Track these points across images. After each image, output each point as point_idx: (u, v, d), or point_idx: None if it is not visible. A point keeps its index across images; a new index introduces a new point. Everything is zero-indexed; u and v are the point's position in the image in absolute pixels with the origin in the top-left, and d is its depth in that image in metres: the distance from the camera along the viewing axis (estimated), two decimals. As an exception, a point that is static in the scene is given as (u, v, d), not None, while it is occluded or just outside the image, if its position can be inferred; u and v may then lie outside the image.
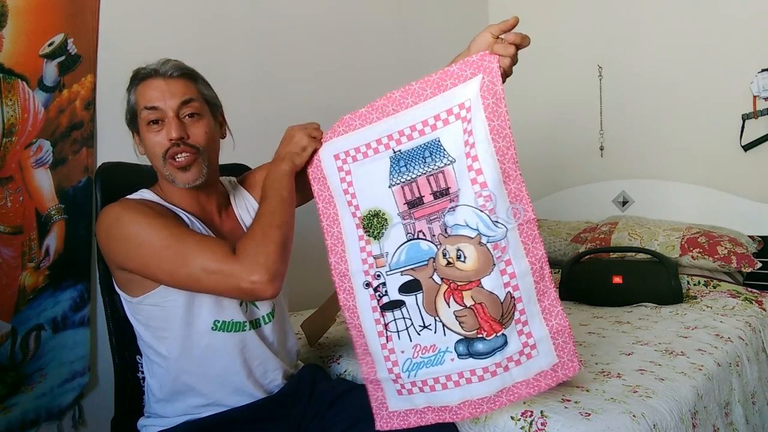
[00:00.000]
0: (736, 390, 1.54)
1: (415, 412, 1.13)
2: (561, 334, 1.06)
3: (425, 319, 1.11)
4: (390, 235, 1.14)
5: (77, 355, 1.67)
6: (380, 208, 1.15)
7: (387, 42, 2.63)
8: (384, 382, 1.15)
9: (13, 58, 1.52)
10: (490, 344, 1.06)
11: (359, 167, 1.17)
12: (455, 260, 1.07)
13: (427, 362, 1.11)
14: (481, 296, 1.06)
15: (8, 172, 1.53)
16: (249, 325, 1.18)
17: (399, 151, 1.13)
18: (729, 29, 2.44)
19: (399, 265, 1.13)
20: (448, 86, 1.09)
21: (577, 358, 1.06)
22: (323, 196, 1.20)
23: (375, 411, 1.15)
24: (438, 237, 1.10)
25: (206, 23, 2.01)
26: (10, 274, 1.54)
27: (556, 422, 1.07)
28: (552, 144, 2.98)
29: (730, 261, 2.12)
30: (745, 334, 1.76)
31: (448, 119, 1.09)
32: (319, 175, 1.21)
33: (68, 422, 1.67)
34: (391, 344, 1.14)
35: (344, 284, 1.18)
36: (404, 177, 1.13)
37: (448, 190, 1.10)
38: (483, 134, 1.05)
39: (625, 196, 2.74)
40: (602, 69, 2.79)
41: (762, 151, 2.39)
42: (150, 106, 1.13)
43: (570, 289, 2.23)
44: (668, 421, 1.14)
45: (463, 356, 1.08)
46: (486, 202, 1.06)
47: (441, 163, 1.10)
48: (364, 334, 1.16)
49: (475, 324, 1.07)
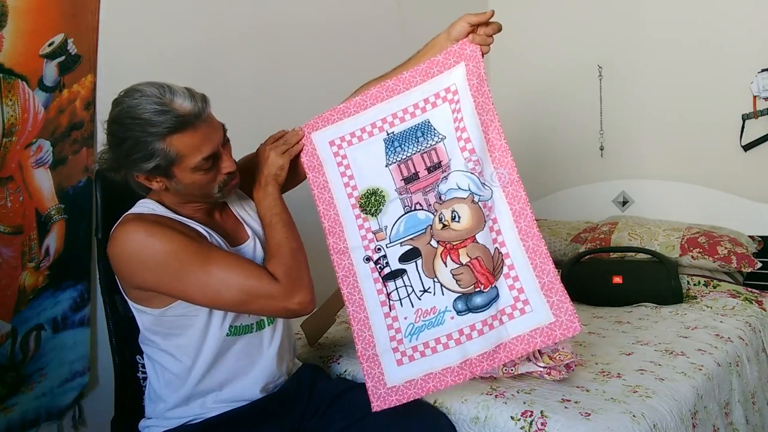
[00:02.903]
0: (736, 390, 1.54)
1: (413, 384, 1.14)
2: (554, 292, 1.11)
3: (425, 283, 1.19)
4: (388, 210, 1.24)
5: (77, 355, 1.67)
6: (378, 186, 1.25)
7: (386, 42, 2.63)
8: (383, 355, 1.17)
9: (13, 58, 1.52)
10: (486, 296, 1.14)
11: (355, 150, 1.27)
12: (450, 222, 1.18)
13: (429, 324, 1.17)
14: (477, 251, 1.15)
15: (8, 172, 1.53)
16: (256, 326, 1.21)
17: (392, 132, 1.25)
18: (729, 29, 2.43)
19: (399, 237, 1.22)
20: (435, 73, 1.22)
21: (578, 319, 1.09)
22: (318, 182, 1.29)
23: (371, 391, 1.16)
24: (434, 205, 1.21)
25: (206, 23, 2.00)
26: (10, 274, 1.54)
27: (556, 422, 1.07)
28: (552, 144, 2.97)
29: (730, 261, 2.12)
30: (745, 334, 1.76)
31: (436, 102, 1.22)
32: (314, 164, 1.29)
33: (68, 422, 1.67)
34: (394, 312, 1.20)
35: (343, 261, 1.24)
36: (399, 156, 1.24)
37: (441, 163, 1.21)
38: (470, 110, 1.18)
39: (625, 196, 2.74)
40: (602, 69, 2.79)
41: (762, 151, 2.38)
42: (208, 156, 1.09)
43: (570, 289, 2.17)
44: (668, 421, 1.14)
45: (462, 312, 1.15)
46: (475, 166, 1.17)
47: (433, 141, 1.22)
48: (366, 308, 1.21)
49: (472, 279, 1.14)
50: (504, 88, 3.05)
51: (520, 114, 3.07)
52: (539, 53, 2.98)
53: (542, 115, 2.98)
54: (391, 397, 1.15)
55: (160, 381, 1.19)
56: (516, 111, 3.08)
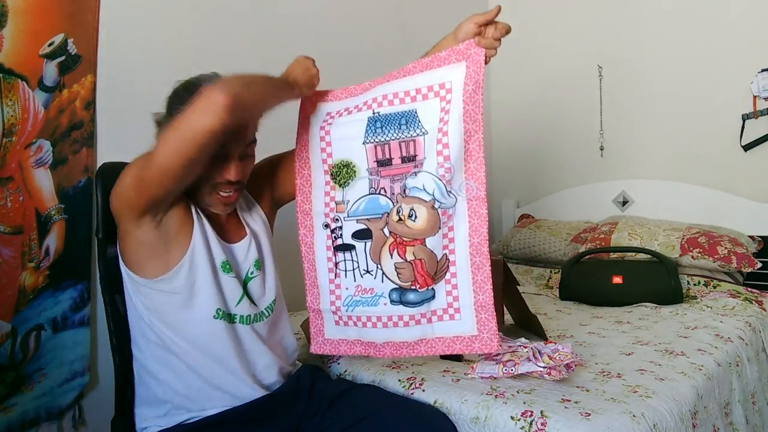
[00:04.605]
0: (736, 390, 1.54)
1: (346, 342, 1.32)
2: (485, 310, 1.19)
3: (369, 265, 1.27)
4: (355, 186, 1.28)
5: (77, 355, 1.67)
6: (351, 161, 1.29)
7: (386, 42, 2.63)
8: (325, 312, 1.33)
9: (13, 58, 1.52)
10: (420, 295, 1.22)
11: (338, 121, 1.31)
12: (406, 218, 1.22)
13: (364, 302, 1.27)
14: (422, 253, 1.21)
15: (8, 172, 1.53)
16: (241, 319, 1.21)
17: (378, 113, 1.26)
18: (729, 29, 2.44)
19: (356, 214, 1.28)
20: (434, 66, 1.22)
21: (498, 339, 1.19)
22: (302, 140, 1.35)
23: (312, 336, 1.35)
24: (396, 196, 1.24)
25: (206, 23, 2.00)
26: (10, 274, 1.54)
27: (556, 422, 1.07)
28: (552, 144, 2.98)
29: (730, 261, 2.12)
30: (745, 334, 1.76)
31: (428, 95, 1.22)
32: (306, 122, 1.35)
33: (68, 422, 1.67)
34: (338, 280, 1.30)
35: (306, 222, 1.34)
36: (379, 137, 1.26)
37: (415, 157, 1.23)
38: (457, 115, 1.18)
39: (625, 196, 2.74)
40: (602, 69, 2.79)
41: (762, 151, 2.39)
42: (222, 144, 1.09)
43: (570, 289, 2.23)
44: (668, 421, 1.14)
45: (395, 303, 1.24)
46: (446, 173, 1.18)
47: (414, 133, 1.23)
48: (316, 268, 1.33)
49: (411, 276, 1.22)
50: (504, 89, 3.06)
51: (520, 114, 3.07)
52: (539, 53, 2.98)
53: (542, 115, 2.99)
54: (326, 346, 1.34)
55: (152, 380, 1.19)
56: (516, 111, 3.08)
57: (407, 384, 1.29)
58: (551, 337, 1.60)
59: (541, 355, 1.28)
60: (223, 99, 0.97)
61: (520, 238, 2.70)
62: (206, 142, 1.01)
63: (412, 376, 1.31)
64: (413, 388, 1.27)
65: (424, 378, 1.29)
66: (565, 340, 1.63)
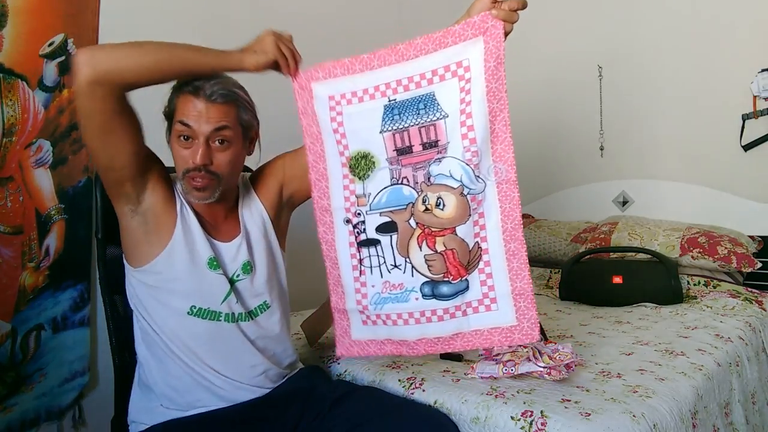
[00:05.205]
0: (736, 390, 1.54)
1: (375, 343, 1.25)
2: (523, 297, 1.13)
3: (397, 259, 1.20)
4: (375, 177, 1.21)
5: (77, 355, 1.67)
6: (369, 151, 1.21)
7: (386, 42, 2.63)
8: (351, 312, 1.26)
9: (13, 58, 1.52)
10: (454, 287, 1.16)
11: (352, 109, 1.21)
12: (434, 207, 1.16)
13: (394, 298, 1.21)
14: (453, 242, 1.15)
15: (8, 172, 1.53)
16: (225, 317, 1.20)
17: (394, 100, 1.17)
18: (729, 29, 2.43)
19: (379, 207, 1.21)
20: (449, 44, 1.12)
21: (538, 328, 1.13)
22: (311, 132, 1.25)
23: (338, 338, 1.27)
24: (420, 185, 1.18)
25: (206, 23, 2.00)
26: (10, 274, 1.54)
27: (556, 422, 1.07)
28: (552, 144, 2.97)
29: (730, 261, 2.12)
30: (745, 334, 1.76)
31: (445, 75, 1.13)
32: (309, 111, 1.24)
33: (68, 422, 1.67)
34: (363, 278, 1.23)
35: (325, 218, 1.26)
36: (397, 125, 1.18)
37: (437, 142, 1.16)
38: (480, 94, 1.10)
39: (625, 196, 2.74)
40: (602, 69, 2.79)
41: (762, 151, 2.38)
42: (184, 122, 1.14)
43: (570, 289, 2.23)
44: (668, 421, 1.14)
45: (427, 297, 1.18)
46: (473, 157, 1.12)
47: (434, 117, 1.15)
48: (339, 267, 1.25)
49: (443, 268, 1.16)
50: (504, 88, 3.05)
51: (520, 114, 3.06)
52: (539, 53, 2.98)
53: (542, 115, 2.98)
54: (353, 348, 1.26)
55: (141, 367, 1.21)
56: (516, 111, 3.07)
57: (407, 384, 1.29)
58: (551, 337, 1.60)
59: (541, 355, 1.28)
60: (84, 70, 1.00)
61: (520, 238, 2.70)
62: (90, 94, 1.03)
63: (412, 376, 1.31)
64: (413, 388, 1.27)
65: (424, 378, 1.29)
66: (565, 340, 1.63)
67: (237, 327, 1.21)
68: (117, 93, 1.05)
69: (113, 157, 1.10)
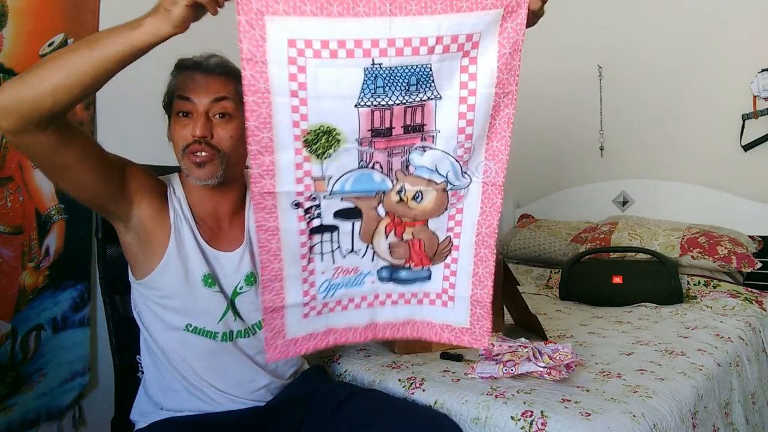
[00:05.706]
0: (736, 390, 1.54)
1: (313, 337, 1.09)
2: (481, 306, 1.08)
3: (355, 245, 1.08)
4: (339, 158, 0.99)
5: (77, 355, 1.67)
6: (335, 127, 0.97)
7: None
8: (290, 308, 1.06)
9: (13, 58, 1.52)
10: (414, 274, 1.10)
11: (321, 68, 0.92)
12: (409, 200, 1.05)
13: (346, 283, 1.10)
14: (423, 234, 1.08)
15: (8, 172, 1.53)
16: (222, 336, 1.18)
17: (379, 65, 0.93)
18: (729, 29, 2.44)
19: (341, 192, 1.02)
20: (463, 8, 0.91)
21: (489, 335, 1.09)
22: (255, 88, 0.92)
23: (268, 343, 1.06)
24: (396, 172, 1.03)
25: (206, 23, 2.00)
26: (10, 274, 1.54)
27: (556, 422, 1.07)
28: (552, 144, 2.97)
29: (730, 261, 2.12)
30: (745, 334, 1.76)
31: (450, 47, 0.93)
32: (257, 57, 0.92)
33: (68, 422, 1.67)
34: (312, 266, 1.06)
35: (265, 202, 0.99)
36: (378, 100, 0.95)
37: (423, 127, 1.00)
38: (487, 83, 0.96)
39: (625, 196, 2.74)
40: (602, 69, 2.79)
41: (762, 151, 2.39)
42: (183, 96, 1.13)
43: (570, 289, 2.23)
44: (668, 421, 1.14)
45: (384, 280, 1.11)
46: (464, 154, 1.02)
47: (425, 96, 0.97)
48: (282, 258, 1.03)
49: (406, 254, 1.09)
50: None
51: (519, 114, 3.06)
52: (539, 53, 2.98)
53: (542, 115, 2.98)
54: (289, 348, 1.07)
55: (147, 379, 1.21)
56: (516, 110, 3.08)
57: (407, 384, 1.29)
58: (551, 337, 1.60)
59: (541, 355, 1.28)
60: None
61: (520, 238, 2.71)
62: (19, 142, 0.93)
63: (412, 376, 1.31)
64: (413, 388, 1.27)
65: (424, 378, 1.29)
66: (565, 340, 1.63)
67: (234, 345, 1.19)
68: (46, 127, 0.91)
69: (80, 189, 1.05)
